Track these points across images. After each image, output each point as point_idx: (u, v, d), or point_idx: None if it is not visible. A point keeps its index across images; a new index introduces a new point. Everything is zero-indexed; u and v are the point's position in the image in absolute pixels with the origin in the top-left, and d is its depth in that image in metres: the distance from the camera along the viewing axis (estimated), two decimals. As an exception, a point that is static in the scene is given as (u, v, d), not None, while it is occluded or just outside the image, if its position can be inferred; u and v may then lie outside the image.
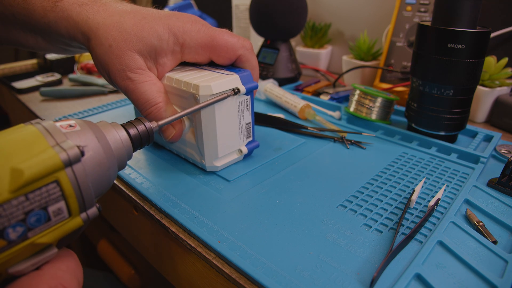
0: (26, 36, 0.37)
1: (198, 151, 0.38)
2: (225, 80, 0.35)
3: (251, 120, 0.40)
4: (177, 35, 0.35)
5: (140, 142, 0.28)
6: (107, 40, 0.33)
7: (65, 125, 0.22)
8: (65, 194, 0.20)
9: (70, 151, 0.20)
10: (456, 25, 0.40)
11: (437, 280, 0.26)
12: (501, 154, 0.44)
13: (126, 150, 0.26)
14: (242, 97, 0.38)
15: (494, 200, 0.35)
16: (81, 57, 0.92)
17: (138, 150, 0.31)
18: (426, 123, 0.46)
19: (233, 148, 0.39)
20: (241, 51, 0.38)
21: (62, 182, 0.20)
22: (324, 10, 0.90)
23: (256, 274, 0.26)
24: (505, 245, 0.30)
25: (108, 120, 0.53)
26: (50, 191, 0.20)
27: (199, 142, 0.37)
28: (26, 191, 0.19)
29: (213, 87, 0.34)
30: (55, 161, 0.19)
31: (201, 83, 0.34)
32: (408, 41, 0.64)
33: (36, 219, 0.19)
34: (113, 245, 0.73)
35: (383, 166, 0.41)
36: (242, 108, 0.38)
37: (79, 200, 0.21)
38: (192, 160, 0.40)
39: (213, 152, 0.38)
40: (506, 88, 0.55)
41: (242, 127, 0.39)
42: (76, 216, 0.21)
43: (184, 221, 0.32)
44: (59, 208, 0.20)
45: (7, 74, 0.85)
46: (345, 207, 0.34)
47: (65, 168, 0.20)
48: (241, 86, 0.36)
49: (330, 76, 0.82)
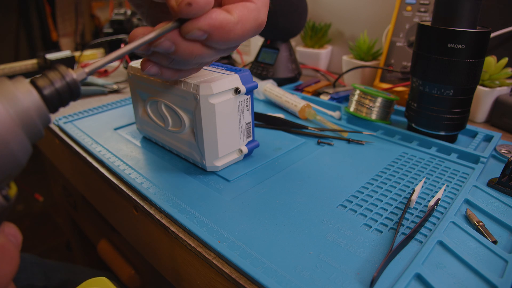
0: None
1: (198, 151, 0.38)
2: (225, 80, 0.35)
3: (251, 120, 0.40)
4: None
5: (59, 98, 0.21)
6: None
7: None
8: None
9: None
10: (456, 25, 0.40)
11: (437, 280, 0.26)
12: (501, 154, 0.44)
13: (38, 114, 0.20)
14: (242, 97, 0.38)
15: (494, 200, 0.35)
16: (81, 57, 0.92)
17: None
18: (426, 123, 0.46)
19: (233, 148, 0.39)
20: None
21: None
22: (324, 10, 0.90)
23: (256, 274, 0.26)
24: (505, 245, 0.30)
25: (108, 120, 0.54)
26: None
27: (199, 142, 0.37)
28: None
29: (213, 86, 0.34)
30: None
31: (201, 83, 0.34)
32: (408, 41, 0.64)
33: None
34: (113, 245, 0.73)
35: (383, 166, 0.41)
36: (242, 107, 0.38)
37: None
38: (192, 160, 0.40)
39: (214, 152, 0.38)
40: (506, 88, 0.55)
41: (242, 127, 0.39)
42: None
43: (184, 221, 0.32)
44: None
45: (7, 74, 0.85)
46: (345, 207, 0.34)
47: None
48: (241, 86, 0.36)
49: (330, 76, 0.82)
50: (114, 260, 0.69)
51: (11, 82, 0.19)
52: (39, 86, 0.21)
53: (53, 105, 0.21)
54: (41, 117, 0.20)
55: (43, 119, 0.20)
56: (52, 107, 0.21)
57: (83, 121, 0.54)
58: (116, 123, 0.53)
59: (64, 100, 0.22)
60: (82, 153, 0.46)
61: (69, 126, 0.52)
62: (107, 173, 0.42)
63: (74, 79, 0.22)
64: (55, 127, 0.54)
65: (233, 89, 0.36)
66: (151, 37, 0.25)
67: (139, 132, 0.50)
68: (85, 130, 0.51)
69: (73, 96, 0.22)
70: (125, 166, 0.41)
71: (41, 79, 0.21)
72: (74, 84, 0.22)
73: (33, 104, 0.20)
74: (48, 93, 0.21)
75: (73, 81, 0.22)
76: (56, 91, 0.21)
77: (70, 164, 0.55)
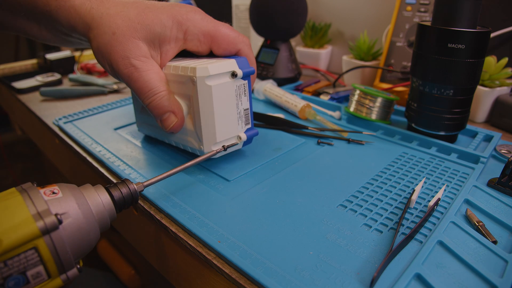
0: (30, 25, 0.38)
1: (196, 137, 0.38)
2: (222, 63, 0.36)
3: (249, 107, 0.39)
4: (181, 22, 0.36)
5: (124, 203, 0.29)
6: (111, 28, 0.34)
7: (49, 192, 0.25)
8: (43, 259, 0.22)
9: (48, 220, 0.22)
10: (456, 25, 0.40)
11: (437, 280, 0.26)
12: (501, 154, 0.44)
13: (109, 213, 0.28)
14: (239, 81, 0.37)
15: (494, 200, 0.35)
16: (81, 57, 0.92)
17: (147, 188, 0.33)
18: (426, 123, 0.46)
19: (231, 134, 0.39)
20: (241, 46, 0.38)
21: (40, 248, 0.22)
22: (324, 10, 0.90)
23: (256, 274, 0.26)
24: (505, 245, 0.30)
25: (108, 120, 0.54)
26: (28, 257, 0.21)
27: (197, 126, 0.37)
28: (5, 258, 0.21)
29: (210, 68, 0.34)
30: (33, 230, 0.21)
31: (198, 66, 0.34)
32: (408, 41, 0.64)
33: (14, 283, 0.21)
34: (113, 245, 0.73)
35: (383, 166, 0.41)
36: (240, 92, 0.38)
37: (57, 263, 0.23)
38: (191, 149, 0.40)
39: (211, 137, 0.37)
40: (506, 88, 0.55)
41: (241, 113, 0.39)
42: (56, 278, 0.23)
43: (184, 221, 0.32)
44: (38, 272, 0.22)
45: (7, 74, 0.85)
46: (345, 207, 0.34)
47: (43, 236, 0.22)
48: (238, 70, 0.36)
49: (330, 76, 0.82)
50: (114, 260, 0.70)
51: (94, 190, 0.27)
52: (112, 193, 0.28)
53: (119, 207, 0.29)
54: (111, 215, 0.28)
55: (111, 217, 0.28)
56: (118, 208, 0.29)
57: (83, 121, 0.54)
58: (116, 123, 0.53)
59: (127, 204, 0.30)
60: (82, 153, 0.46)
61: (69, 126, 0.52)
62: (107, 173, 0.42)
63: (135, 189, 0.30)
64: (55, 127, 0.54)
65: (230, 72, 0.36)
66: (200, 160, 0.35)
67: (138, 131, 0.50)
68: (85, 130, 0.51)
69: (133, 201, 0.30)
70: (125, 166, 0.41)
71: (113, 188, 0.29)
72: (134, 193, 0.30)
73: (107, 206, 0.27)
74: (117, 199, 0.29)
75: (134, 191, 0.30)
76: (123, 198, 0.29)
77: (70, 164, 0.55)
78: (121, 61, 0.34)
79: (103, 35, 0.34)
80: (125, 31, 0.34)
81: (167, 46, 0.36)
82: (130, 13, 0.35)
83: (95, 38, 0.34)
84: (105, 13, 0.34)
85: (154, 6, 0.36)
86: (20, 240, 0.21)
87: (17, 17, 0.38)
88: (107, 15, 0.34)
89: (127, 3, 0.36)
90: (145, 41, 0.35)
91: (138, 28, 0.34)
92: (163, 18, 0.35)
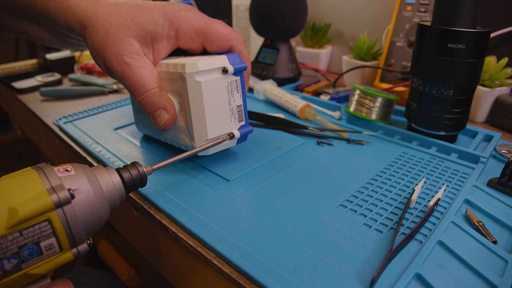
0: (32, 27, 0.39)
1: (189, 134, 0.38)
2: (212, 59, 0.35)
3: (242, 103, 0.39)
4: (173, 19, 0.36)
5: (133, 185, 0.30)
6: (104, 26, 0.34)
7: (62, 170, 0.26)
8: (56, 232, 0.23)
9: (61, 194, 0.23)
10: (456, 25, 0.40)
11: (437, 280, 0.26)
12: (501, 154, 0.44)
13: (118, 193, 0.29)
14: (231, 77, 0.37)
15: (494, 200, 0.35)
16: (81, 57, 0.92)
17: (133, 190, 0.33)
18: (426, 123, 0.46)
19: (224, 131, 0.38)
20: (234, 42, 0.38)
21: (53, 221, 0.23)
22: (324, 10, 0.90)
23: (256, 274, 0.26)
24: (505, 245, 0.30)
25: (108, 120, 0.54)
26: (42, 229, 0.22)
27: (188, 123, 0.37)
28: (20, 228, 0.22)
29: (199, 64, 0.34)
30: (47, 203, 0.22)
31: (188, 62, 0.34)
32: (408, 41, 0.64)
33: (29, 252, 0.22)
34: (113, 245, 0.73)
35: (383, 166, 0.41)
36: (232, 89, 0.37)
37: (69, 237, 0.24)
38: (185, 146, 0.40)
39: (203, 134, 0.37)
40: (506, 88, 0.55)
41: (233, 109, 0.38)
42: (67, 251, 0.24)
43: (184, 221, 0.32)
44: (51, 244, 0.23)
45: (7, 74, 0.85)
46: (345, 207, 0.34)
47: (56, 209, 0.23)
48: (229, 66, 0.36)
49: (330, 76, 0.82)
50: (114, 260, 0.70)
51: (105, 170, 0.28)
52: (122, 174, 0.29)
53: (128, 188, 0.30)
54: (120, 195, 0.29)
55: (121, 196, 0.29)
56: (127, 189, 0.30)
57: (83, 121, 0.54)
58: (116, 123, 0.53)
59: (137, 185, 0.31)
60: (82, 153, 0.46)
61: (69, 126, 0.52)
62: (107, 173, 0.42)
63: (144, 172, 0.31)
64: (55, 127, 0.54)
65: (221, 68, 0.36)
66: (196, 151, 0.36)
67: (138, 131, 0.50)
68: (85, 130, 0.51)
69: (142, 183, 0.31)
70: (125, 166, 0.41)
71: (123, 170, 0.30)
72: (143, 175, 0.31)
73: (117, 186, 0.28)
74: (127, 180, 0.30)
75: (143, 173, 0.31)
76: (132, 179, 0.30)
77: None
78: (114, 59, 0.35)
79: (97, 34, 0.34)
80: (118, 29, 0.34)
81: (159, 44, 0.37)
82: (123, 11, 0.35)
83: (90, 36, 0.35)
84: (100, 12, 0.35)
85: (147, 5, 0.36)
86: (35, 212, 0.22)
87: (18, 19, 0.38)
88: (101, 13, 0.35)
89: (121, 2, 0.36)
90: (138, 38, 0.35)
91: (131, 26, 0.35)
92: (155, 16, 0.35)
